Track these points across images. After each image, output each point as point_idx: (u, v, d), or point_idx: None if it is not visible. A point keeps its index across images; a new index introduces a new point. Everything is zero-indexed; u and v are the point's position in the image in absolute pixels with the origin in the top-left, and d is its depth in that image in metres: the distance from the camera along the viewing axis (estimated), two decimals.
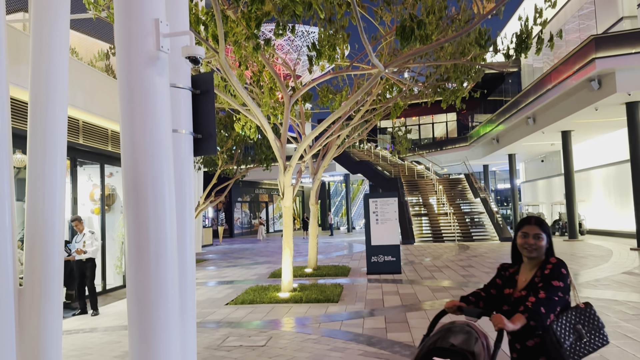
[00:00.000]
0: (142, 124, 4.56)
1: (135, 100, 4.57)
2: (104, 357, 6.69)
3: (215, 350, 6.83)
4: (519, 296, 3.15)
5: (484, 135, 33.17)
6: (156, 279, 4.50)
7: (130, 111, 4.55)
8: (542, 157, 35.13)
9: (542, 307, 2.83)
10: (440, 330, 3.21)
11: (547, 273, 3.07)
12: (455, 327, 3.16)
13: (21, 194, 7.66)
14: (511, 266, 3.37)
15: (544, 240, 3.12)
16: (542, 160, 35.29)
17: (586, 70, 18.17)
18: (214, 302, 10.41)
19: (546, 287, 3.00)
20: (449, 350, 3.07)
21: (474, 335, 3.01)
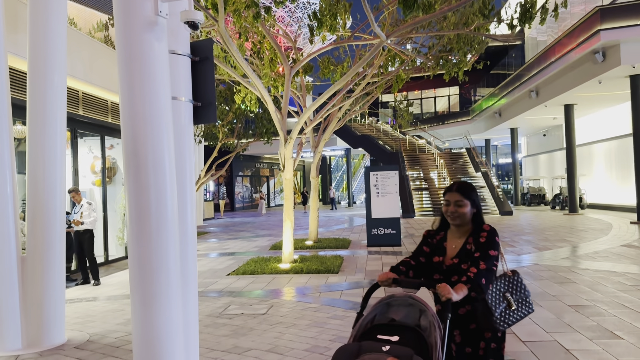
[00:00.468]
0: (141, 90, 4.54)
1: (134, 67, 4.55)
2: (107, 324, 6.82)
3: (217, 317, 6.94)
4: (451, 264, 3.12)
5: (486, 109, 33.07)
6: (157, 243, 4.56)
7: (129, 78, 4.54)
8: (544, 131, 35.12)
9: (483, 278, 2.82)
10: (377, 306, 2.98)
11: (482, 242, 3.04)
12: (395, 301, 2.97)
13: (22, 167, 7.72)
14: (437, 233, 3.29)
15: (467, 207, 3.08)
16: (544, 135, 35.29)
17: (591, 42, 18.03)
18: (216, 273, 10.53)
19: (485, 257, 2.97)
20: (391, 326, 2.88)
21: (417, 308, 2.85)
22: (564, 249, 12.62)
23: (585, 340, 5.41)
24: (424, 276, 3.17)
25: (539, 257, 11.50)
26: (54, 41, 6.52)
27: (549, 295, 7.66)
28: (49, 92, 6.40)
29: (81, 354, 5.65)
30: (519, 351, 5.09)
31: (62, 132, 6.51)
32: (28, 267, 6.20)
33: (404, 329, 2.80)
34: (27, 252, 6.22)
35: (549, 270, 9.73)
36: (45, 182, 6.28)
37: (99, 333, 6.45)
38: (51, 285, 6.26)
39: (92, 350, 5.82)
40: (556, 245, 13.29)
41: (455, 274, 3.01)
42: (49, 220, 6.26)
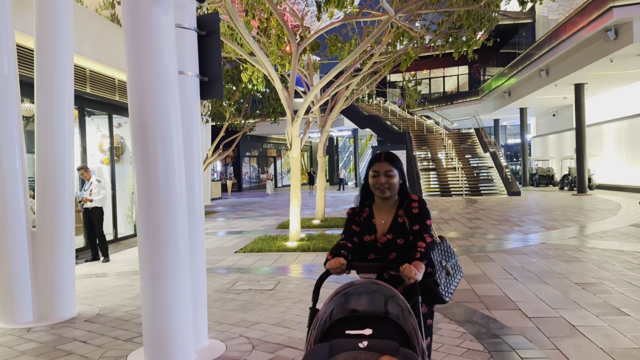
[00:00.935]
0: (148, 64, 4.55)
1: (141, 40, 4.56)
2: (117, 299, 6.93)
3: (225, 293, 7.03)
4: (386, 241, 2.92)
5: (496, 88, 32.89)
6: (166, 216, 4.61)
7: (136, 51, 4.56)
8: (553, 111, 34.85)
9: (431, 251, 2.74)
10: (335, 298, 2.58)
11: (416, 213, 2.89)
12: (356, 289, 2.58)
13: (30, 147, 7.78)
14: (362, 210, 3.07)
15: (396, 177, 2.90)
16: (554, 115, 35.01)
17: (603, 20, 17.82)
18: (224, 250, 10.64)
19: (426, 228, 2.84)
20: (356, 318, 2.56)
21: (383, 294, 2.53)
22: (571, 229, 12.61)
23: (592, 316, 5.43)
24: (360, 258, 2.93)
25: (546, 236, 11.49)
26: (61, 18, 6.51)
27: (555, 273, 7.69)
28: (57, 69, 6.42)
29: (91, 327, 5.75)
30: (525, 327, 5.13)
31: (70, 109, 6.55)
32: (38, 242, 6.29)
33: (373, 319, 2.53)
34: (37, 227, 6.31)
35: (556, 249, 9.74)
36: (54, 159, 6.33)
37: (108, 307, 6.56)
38: (61, 259, 6.36)
39: (102, 323, 5.93)
40: (564, 225, 13.28)
41: (392, 250, 2.86)
42: (58, 197, 6.32)
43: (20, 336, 5.54)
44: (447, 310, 5.77)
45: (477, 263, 8.71)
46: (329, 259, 2.76)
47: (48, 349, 5.07)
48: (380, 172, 2.84)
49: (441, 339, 4.78)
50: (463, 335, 4.95)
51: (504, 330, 5.06)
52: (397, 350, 2.32)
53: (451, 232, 12.78)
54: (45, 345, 5.21)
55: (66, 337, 5.49)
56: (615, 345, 4.52)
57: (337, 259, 2.67)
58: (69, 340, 5.39)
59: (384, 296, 2.51)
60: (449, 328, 5.11)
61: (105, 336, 5.48)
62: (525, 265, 8.44)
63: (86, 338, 5.45)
